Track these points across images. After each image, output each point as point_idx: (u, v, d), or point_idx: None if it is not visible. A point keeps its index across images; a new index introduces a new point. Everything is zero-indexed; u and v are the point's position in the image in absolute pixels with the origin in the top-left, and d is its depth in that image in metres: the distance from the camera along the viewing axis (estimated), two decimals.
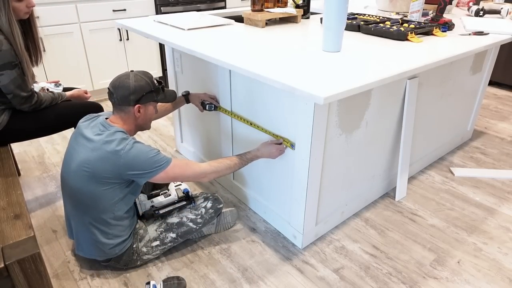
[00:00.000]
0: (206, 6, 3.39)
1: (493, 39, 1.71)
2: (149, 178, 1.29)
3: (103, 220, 1.34)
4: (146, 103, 1.34)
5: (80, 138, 1.31)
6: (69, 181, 1.32)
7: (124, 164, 1.25)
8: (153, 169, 1.28)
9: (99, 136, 1.26)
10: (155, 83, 1.35)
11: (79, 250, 1.44)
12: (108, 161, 1.24)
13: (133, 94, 1.29)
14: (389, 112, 1.74)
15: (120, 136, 1.27)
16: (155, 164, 1.28)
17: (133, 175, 1.28)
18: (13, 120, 1.59)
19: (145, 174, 1.28)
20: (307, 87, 1.09)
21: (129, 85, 1.28)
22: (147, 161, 1.26)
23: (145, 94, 1.32)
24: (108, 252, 1.39)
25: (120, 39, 3.06)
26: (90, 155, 1.25)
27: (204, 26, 1.89)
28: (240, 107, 1.70)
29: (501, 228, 1.78)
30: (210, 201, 1.57)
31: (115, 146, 1.24)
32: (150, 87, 1.33)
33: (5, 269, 0.99)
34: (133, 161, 1.25)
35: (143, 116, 1.36)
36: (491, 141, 2.60)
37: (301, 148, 1.44)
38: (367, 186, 1.86)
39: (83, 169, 1.27)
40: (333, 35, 1.43)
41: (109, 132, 1.27)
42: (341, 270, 1.53)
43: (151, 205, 1.49)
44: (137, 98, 1.30)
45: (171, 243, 1.51)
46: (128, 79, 1.29)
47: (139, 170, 1.27)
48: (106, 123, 1.31)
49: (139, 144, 1.29)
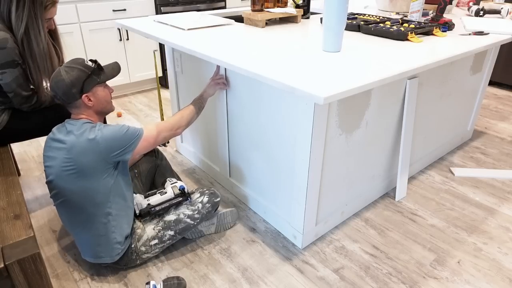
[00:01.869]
0: (206, 6, 3.39)
1: (493, 39, 1.71)
2: (132, 150, 1.32)
3: (102, 221, 1.34)
4: (90, 89, 1.32)
5: (53, 144, 1.31)
6: (59, 187, 1.31)
7: (105, 148, 1.27)
8: (132, 141, 1.31)
9: (70, 134, 1.27)
10: (89, 66, 1.31)
11: (85, 256, 1.44)
12: (89, 151, 1.25)
13: (73, 88, 1.28)
14: (389, 112, 1.74)
15: (89, 126, 1.29)
16: (131, 136, 1.31)
17: (117, 154, 1.30)
18: (13, 120, 1.59)
19: (127, 148, 1.31)
20: (307, 87, 1.09)
21: (65, 81, 1.27)
22: (123, 137, 1.29)
23: (85, 81, 1.29)
24: (109, 253, 1.39)
25: (120, 39, 3.06)
26: (68, 154, 1.26)
27: (204, 26, 1.89)
28: (240, 107, 1.70)
29: (501, 228, 1.78)
30: (207, 196, 1.57)
31: (88, 135, 1.26)
32: (85, 73, 1.30)
33: (5, 269, 0.99)
34: (112, 142, 1.27)
35: (96, 102, 1.35)
36: (491, 141, 2.60)
37: (301, 148, 1.44)
38: (367, 186, 1.86)
39: (66, 169, 1.27)
40: (333, 35, 1.43)
41: (77, 126, 1.29)
42: (341, 270, 1.53)
43: (147, 204, 1.49)
44: (79, 89, 1.29)
45: (170, 240, 1.51)
46: (61, 75, 1.27)
47: (120, 147, 1.29)
48: (70, 121, 1.32)
49: (108, 125, 1.31)
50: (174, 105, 2.27)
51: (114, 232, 1.37)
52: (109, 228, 1.36)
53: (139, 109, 3.08)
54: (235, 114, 1.75)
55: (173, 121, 1.47)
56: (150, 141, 1.37)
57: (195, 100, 1.63)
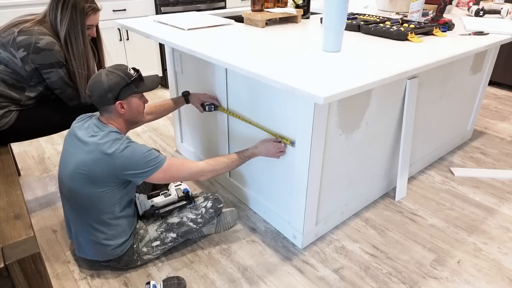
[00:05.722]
0: (206, 6, 3.39)
1: (493, 39, 1.71)
2: (145, 177, 1.28)
3: (103, 221, 1.34)
4: (126, 97, 1.31)
5: (74, 140, 1.30)
6: (67, 183, 1.32)
7: (119, 165, 1.24)
8: (149, 168, 1.27)
9: (93, 138, 1.26)
10: (130, 74, 1.30)
11: (80, 252, 1.44)
12: (103, 163, 1.24)
13: (109, 92, 1.27)
14: (389, 112, 1.74)
15: (114, 137, 1.26)
16: (150, 163, 1.27)
17: (129, 175, 1.27)
18: (19, 120, 1.60)
19: (141, 173, 1.27)
20: (307, 87, 1.09)
21: (103, 84, 1.26)
22: (141, 160, 1.26)
23: (122, 89, 1.28)
24: (110, 253, 1.39)
25: (120, 39, 3.06)
26: (86, 157, 1.25)
27: (204, 26, 1.89)
28: (240, 107, 1.70)
29: (501, 228, 1.78)
30: (211, 201, 1.57)
31: (109, 147, 1.23)
32: (125, 81, 1.28)
33: (5, 269, 0.99)
34: (128, 161, 1.24)
35: (128, 111, 1.33)
36: (491, 141, 2.60)
37: (301, 148, 1.44)
38: (367, 186, 1.86)
39: (79, 172, 1.27)
40: (333, 35, 1.43)
41: (103, 133, 1.26)
42: (341, 270, 1.53)
43: (151, 205, 1.49)
44: (115, 95, 1.28)
45: (172, 243, 1.51)
46: (101, 78, 1.27)
47: (135, 170, 1.26)
48: (99, 123, 1.30)
49: (134, 143, 1.28)
50: None
51: (111, 240, 1.37)
52: (106, 236, 1.36)
53: None
54: (235, 114, 1.75)
55: (201, 166, 1.38)
56: (166, 175, 1.31)
57: (240, 155, 1.50)
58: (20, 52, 1.51)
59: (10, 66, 1.54)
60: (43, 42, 1.51)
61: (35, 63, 1.53)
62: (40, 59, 1.52)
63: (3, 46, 1.53)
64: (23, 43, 1.50)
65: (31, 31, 1.52)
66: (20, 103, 1.60)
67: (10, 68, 1.55)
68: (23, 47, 1.51)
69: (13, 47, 1.52)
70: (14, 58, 1.53)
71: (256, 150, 1.52)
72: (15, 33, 1.51)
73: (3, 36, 1.54)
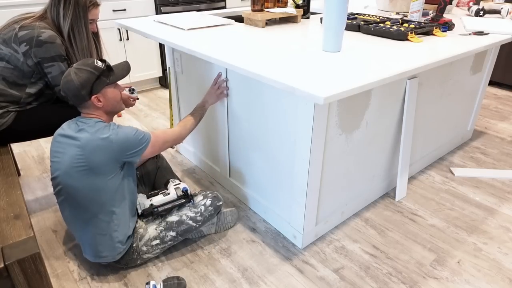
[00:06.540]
0: (206, 6, 3.39)
1: (493, 39, 1.71)
2: (141, 154, 1.35)
3: (107, 210, 1.34)
4: (100, 90, 1.33)
5: (62, 140, 1.31)
6: (63, 183, 1.31)
7: (118, 148, 1.28)
8: (142, 145, 1.35)
9: (83, 132, 1.28)
10: (98, 67, 1.31)
11: (86, 253, 1.44)
12: (102, 149, 1.26)
13: (82, 90, 1.28)
14: (389, 112, 1.74)
15: (103, 124, 1.30)
16: (142, 141, 1.34)
17: (129, 155, 1.32)
18: (18, 121, 1.60)
19: (137, 151, 1.34)
20: (307, 87, 1.09)
21: (74, 83, 1.28)
22: (135, 139, 1.32)
23: (94, 83, 1.30)
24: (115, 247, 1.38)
25: (120, 39, 3.06)
26: (81, 151, 1.26)
27: (204, 26, 1.89)
28: (240, 106, 1.70)
29: (501, 228, 1.78)
30: (210, 199, 1.57)
31: (102, 133, 1.27)
32: (95, 75, 1.30)
33: (5, 269, 0.99)
34: (125, 143, 1.30)
35: (105, 102, 1.35)
36: (491, 141, 2.60)
37: (301, 148, 1.44)
38: (367, 186, 1.86)
39: (75, 166, 1.27)
40: (333, 35, 1.43)
41: (89, 124, 1.30)
42: (341, 270, 1.53)
43: (150, 204, 1.49)
44: (88, 91, 1.30)
45: (171, 241, 1.51)
46: (71, 77, 1.28)
47: (132, 149, 1.32)
48: (82, 118, 1.34)
49: (122, 126, 1.33)
50: (174, 105, 2.27)
51: (116, 231, 1.37)
52: (111, 227, 1.36)
53: (139, 109, 3.09)
54: (235, 114, 1.75)
55: (177, 130, 1.51)
56: (155, 147, 1.40)
57: (197, 110, 1.65)
58: (22, 46, 1.52)
59: (12, 62, 1.55)
60: (45, 35, 1.53)
61: (37, 56, 1.54)
62: (42, 52, 1.53)
63: (5, 43, 1.54)
64: (25, 38, 1.52)
65: (33, 26, 1.54)
66: (19, 102, 1.60)
67: (11, 65, 1.55)
68: (25, 41, 1.52)
69: (15, 42, 1.53)
70: (16, 53, 1.54)
71: (203, 99, 1.71)
72: (16, 29, 1.53)
73: (5, 33, 1.55)
